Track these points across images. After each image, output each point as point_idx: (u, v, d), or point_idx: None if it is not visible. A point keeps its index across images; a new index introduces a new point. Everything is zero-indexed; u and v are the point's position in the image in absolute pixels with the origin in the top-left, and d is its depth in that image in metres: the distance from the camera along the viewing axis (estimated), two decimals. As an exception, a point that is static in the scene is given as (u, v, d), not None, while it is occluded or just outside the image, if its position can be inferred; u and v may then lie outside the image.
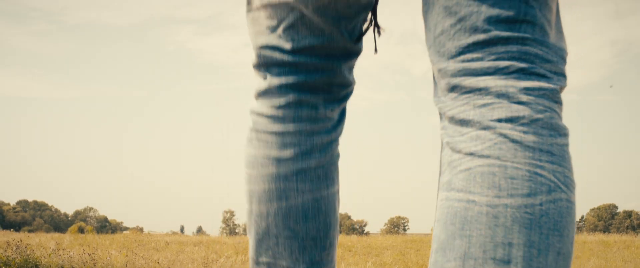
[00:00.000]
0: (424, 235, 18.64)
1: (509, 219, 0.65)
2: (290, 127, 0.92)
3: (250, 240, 0.96)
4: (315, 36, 0.90)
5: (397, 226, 67.88)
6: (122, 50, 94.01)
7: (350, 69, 0.98)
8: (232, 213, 69.89)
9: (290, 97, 0.92)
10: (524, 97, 0.68)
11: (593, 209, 64.50)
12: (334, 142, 0.97)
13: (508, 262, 0.64)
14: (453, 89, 0.73)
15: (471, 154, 0.68)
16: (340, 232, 21.01)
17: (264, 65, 0.94)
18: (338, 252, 10.28)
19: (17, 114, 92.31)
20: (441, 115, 0.76)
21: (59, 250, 6.55)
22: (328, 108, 0.95)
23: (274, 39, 0.91)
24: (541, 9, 0.73)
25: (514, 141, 0.67)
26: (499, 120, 0.68)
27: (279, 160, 0.92)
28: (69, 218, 70.69)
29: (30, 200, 71.38)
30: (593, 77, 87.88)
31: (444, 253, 0.68)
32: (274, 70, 0.93)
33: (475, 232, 0.66)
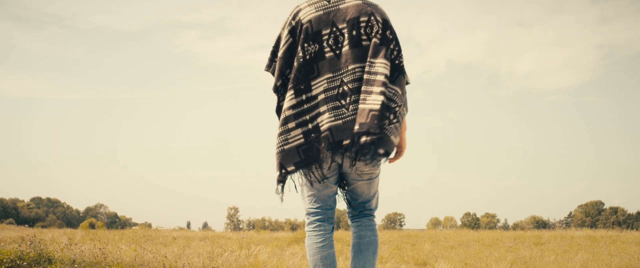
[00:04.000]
0: (419, 231, 18.63)
1: (364, 248, 2.69)
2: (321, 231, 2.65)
3: None
4: (325, 201, 2.64)
5: (393, 222, 67.80)
6: (131, 53, 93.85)
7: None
8: (236, 210, 69.85)
9: (320, 225, 2.65)
10: (367, 224, 2.71)
11: (581, 206, 64.46)
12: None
13: (364, 258, 2.67)
14: (352, 219, 2.76)
15: (358, 235, 2.72)
16: (340, 228, 20.96)
17: (308, 213, 2.67)
18: (337, 247, 10.26)
19: (30, 115, 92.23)
20: (350, 221, 2.79)
21: (71, 245, 6.55)
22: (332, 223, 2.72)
23: (309, 205, 2.66)
24: (372, 199, 2.73)
25: (362, 235, 2.69)
26: (359, 225, 2.72)
27: (321, 241, 2.63)
28: (81, 215, 70.61)
29: (43, 197, 71.34)
30: (581, 79, 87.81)
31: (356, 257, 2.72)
32: (312, 216, 2.67)
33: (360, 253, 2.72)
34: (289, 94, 2.54)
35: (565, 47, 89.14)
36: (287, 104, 2.54)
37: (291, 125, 2.54)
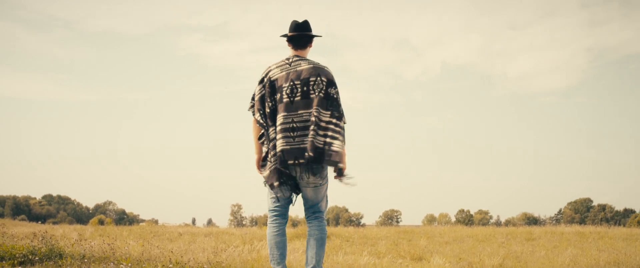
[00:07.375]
0: (415, 227, 18.60)
1: (313, 242, 3.70)
2: (280, 222, 3.76)
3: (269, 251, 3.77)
4: (283, 202, 3.72)
5: (390, 218, 67.80)
6: (137, 55, 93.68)
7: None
8: (239, 207, 69.85)
9: (279, 217, 3.75)
10: (316, 225, 3.72)
11: (570, 203, 64.45)
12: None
13: (314, 250, 3.67)
14: (307, 220, 3.77)
15: (309, 233, 3.75)
16: (339, 224, 20.97)
17: (270, 210, 3.77)
18: (337, 242, 10.25)
19: (41, 116, 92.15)
20: (306, 221, 3.79)
21: (81, 241, 6.56)
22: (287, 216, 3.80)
23: (272, 205, 3.75)
24: (322, 202, 3.73)
25: (312, 233, 3.71)
26: (311, 225, 3.73)
27: (276, 231, 3.74)
28: (90, 211, 70.57)
29: (54, 194, 71.30)
30: (571, 81, 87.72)
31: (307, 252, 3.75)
32: (272, 212, 3.77)
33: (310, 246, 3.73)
34: (271, 130, 3.65)
35: (556, 50, 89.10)
36: (271, 136, 3.65)
37: (271, 153, 3.66)
